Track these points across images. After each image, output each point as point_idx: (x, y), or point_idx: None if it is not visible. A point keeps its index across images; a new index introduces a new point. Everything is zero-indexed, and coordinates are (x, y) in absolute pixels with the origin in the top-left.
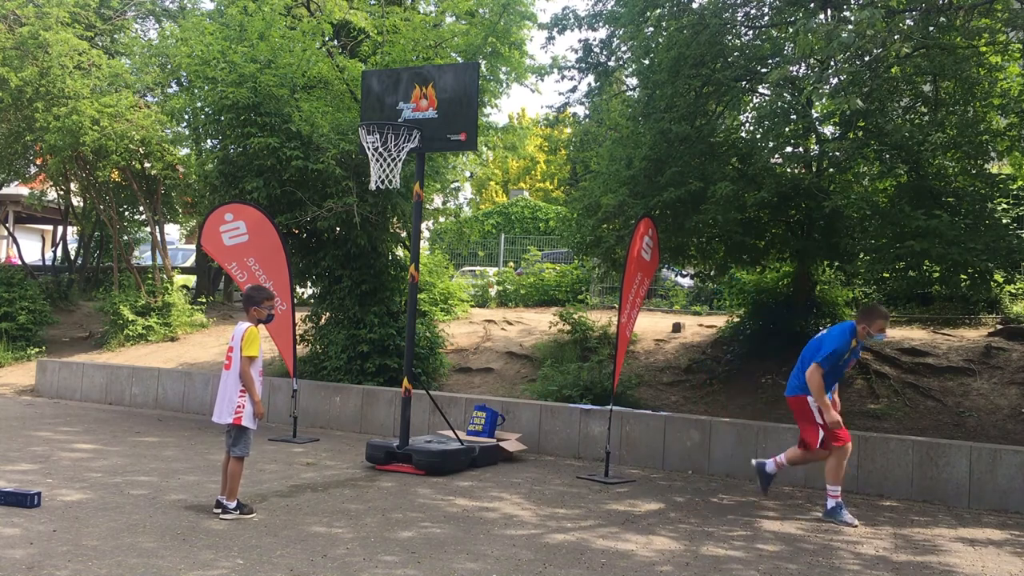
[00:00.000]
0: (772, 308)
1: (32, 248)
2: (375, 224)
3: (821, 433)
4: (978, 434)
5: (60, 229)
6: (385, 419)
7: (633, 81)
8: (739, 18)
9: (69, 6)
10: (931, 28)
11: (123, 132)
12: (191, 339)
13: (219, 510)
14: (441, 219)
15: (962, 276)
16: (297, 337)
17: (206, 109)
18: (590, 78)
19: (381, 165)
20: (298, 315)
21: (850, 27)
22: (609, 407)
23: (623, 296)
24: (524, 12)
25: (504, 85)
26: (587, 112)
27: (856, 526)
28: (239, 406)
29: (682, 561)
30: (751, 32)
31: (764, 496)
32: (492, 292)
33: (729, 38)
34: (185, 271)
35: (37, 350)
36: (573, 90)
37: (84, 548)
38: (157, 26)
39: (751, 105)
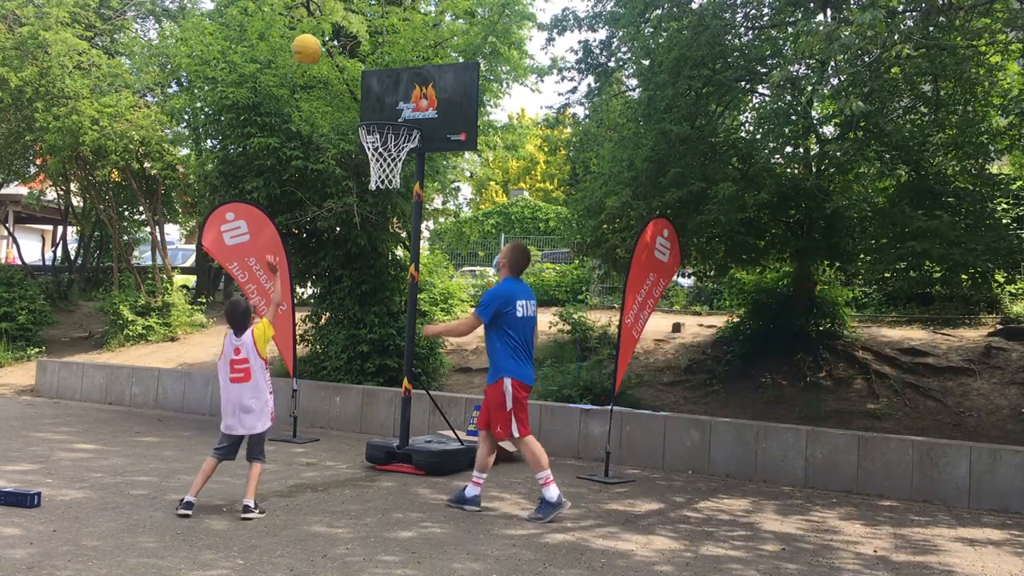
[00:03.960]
0: (772, 308)
1: (32, 248)
2: (375, 224)
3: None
4: (978, 434)
5: (60, 229)
6: (385, 419)
7: (633, 82)
8: (739, 19)
9: (69, 6)
10: (931, 28)
11: (123, 132)
12: (191, 339)
13: (187, 511)
14: (441, 219)
15: (963, 276)
16: (297, 337)
17: (206, 109)
18: (590, 79)
19: (381, 165)
20: (298, 315)
21: (850, 28)
22: (609, 407)
23: (628, 296)
24: (523, 12)
25: (505, 85)
26: (587, 113)
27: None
28: (271, 408)
29: (682, 561)
30: (751, 33)
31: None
32: None
33: (729, 39)
34: (185, 271)
35: (37, 350)
36: (573, 91)
37: (84, 548)
38: (157, 26)
39: (751, 105)
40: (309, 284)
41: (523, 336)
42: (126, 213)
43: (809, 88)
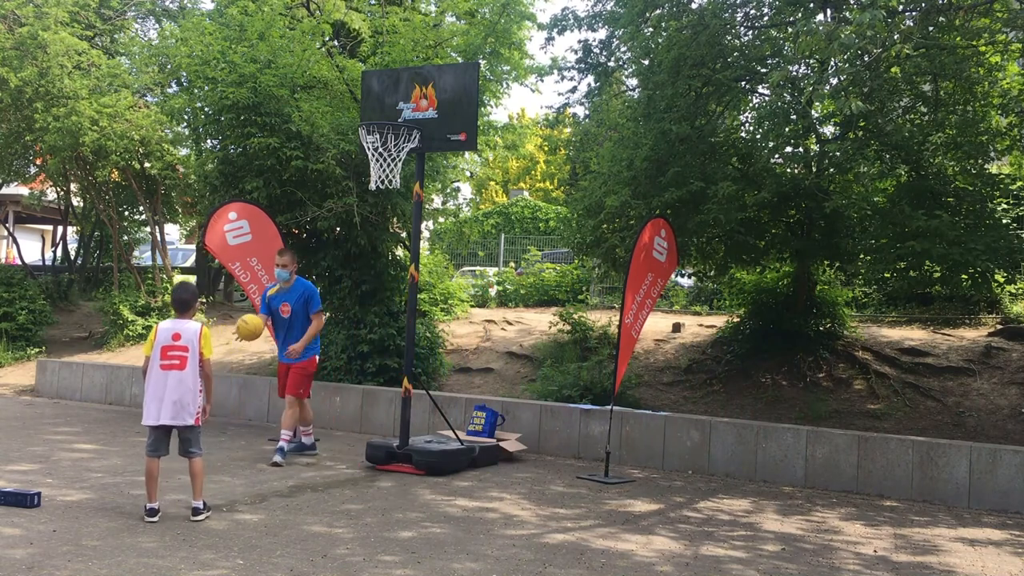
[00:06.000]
0: (772, 308)
1: (32, 248)
2: (375, 224)
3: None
4: (978, 434)
5: (60, 229)
6: (385, 419)
7: (633, 82)
8: (739, 18)
9: (68, 6)
10: (931, 28)
11: (122, 132)
12: None
13: (152, 517)
14: (441, 219)
15: (963, 276)
16: None
17: (206, 109)
18: (590, 79)
19: (381, 165)
20: None
21: (850, 28)
22: (609, 407)
23: (627, 296)
24: (524, 12)
25: (505, 85)
26: (587, 112)
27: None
28: (200, 408)
29: (682, 561)
30: (751, 32)
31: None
32: (492, 292)
33: (729, 38)
34: (185, 271)
35: (37, 350)
36: (573, 90)
37: (84, 548)
38: (157, 26)
39: (751, 105)
40: None
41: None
42: (126, 213)
43: (809, 88)
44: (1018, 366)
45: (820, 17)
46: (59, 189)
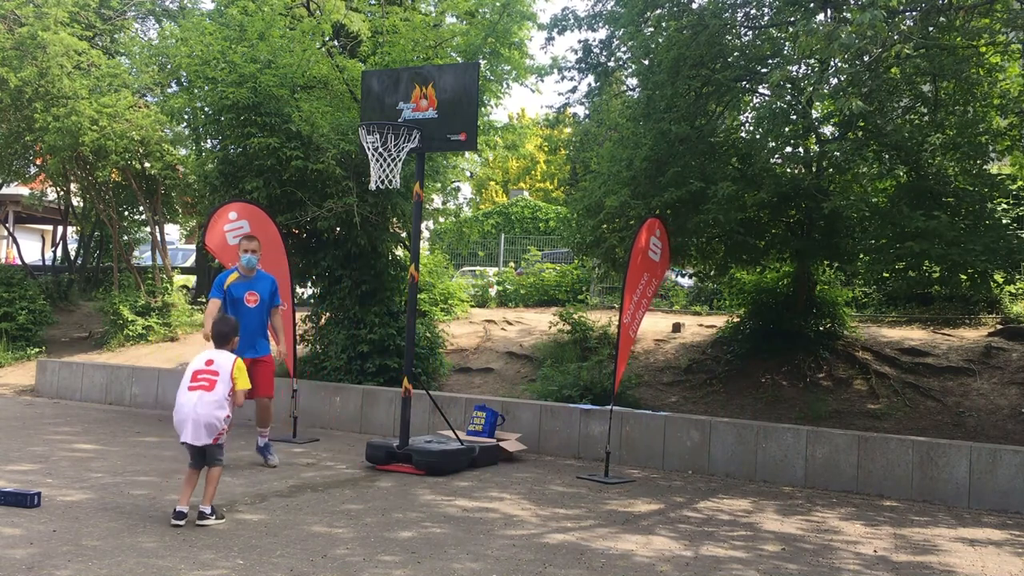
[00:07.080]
0: (772, 308)
1: (32, 248)
2: (375, 224)
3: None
4: (978, 434)
5: (60, 229)
6: (385, 419)
7: (633, 82)
8: (739, 18)
9: (68, 6)
10: (931, 28)
11: (122, 132)
12: (191, 339)
13: (179, 521)
14: (441, 219)
15: (962, 276)
16: (297, 337)
17: (206, 109)
18: (590, 79)
19: (381, 165)
20: (298, 315)
21: (850, 28)
22: (609, 407)
23: (625, 296)
24: (524, 12)
25: (505, 85)
26: (587, 112)
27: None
28: (221, 432)
29: (682, 561)
30: (751, 32)
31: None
32: (492, 292)
33: (729, 38)
34: (185, 271)
35: (37, 350)
36: (573, 90)
37: (84, 548)
38: (157, 26)
39: (751, 105)
40: (309, 284)
41: None
42: (126, 213)
43: (809, 88)
44: (1018, 366)
45: (820, 17)
46: (59, 189)
